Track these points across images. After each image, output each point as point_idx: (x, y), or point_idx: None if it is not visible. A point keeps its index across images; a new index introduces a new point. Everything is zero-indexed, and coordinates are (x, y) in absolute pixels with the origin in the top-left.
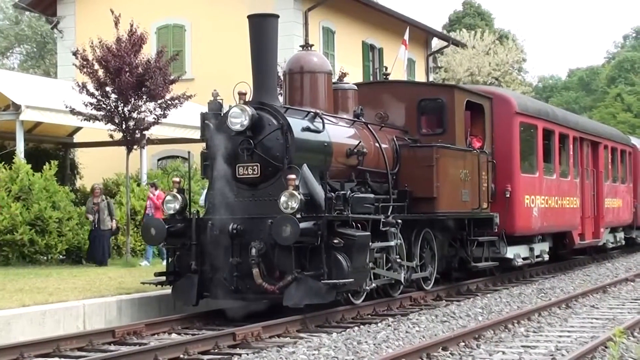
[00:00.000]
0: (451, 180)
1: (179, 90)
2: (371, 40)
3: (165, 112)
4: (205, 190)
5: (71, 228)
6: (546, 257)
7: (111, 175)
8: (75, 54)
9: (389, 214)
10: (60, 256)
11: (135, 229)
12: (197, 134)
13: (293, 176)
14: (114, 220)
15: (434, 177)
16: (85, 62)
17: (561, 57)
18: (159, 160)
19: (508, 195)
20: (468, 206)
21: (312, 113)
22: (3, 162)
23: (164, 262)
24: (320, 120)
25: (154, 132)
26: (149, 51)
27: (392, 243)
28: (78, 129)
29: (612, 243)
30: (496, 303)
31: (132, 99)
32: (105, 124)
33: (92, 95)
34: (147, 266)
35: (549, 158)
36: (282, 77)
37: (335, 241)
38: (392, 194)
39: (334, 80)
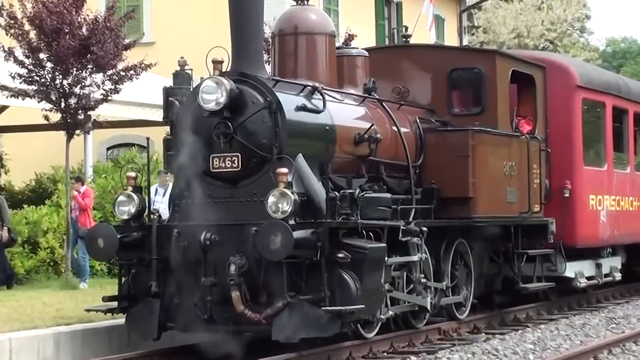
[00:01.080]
0: (492, 175)
1: (136, 57)
2: None
3: (117, 86)
4: (167, 189)
5: None
6: (618, 276)
7: (46, 169)
8: None
9: (410, 219)
10: None
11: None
12: (158, 115)
13: (284, 170)
14: (5, 228)
15: (470, 171)
16: (12, 22)
17: (637, 13)
18: (109, 149)
19: (567, 195)
20: (515, 209)
21: (309, 87)
22: None
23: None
24: (320, 97)
25: (103, 112)
26: (96, 7)
27: (415, 258)
28: (3, 108)
29: None
30: (552, 337)
31: (74, 69)
32: (39, 101)
33: (21, 64)
34: (85, 288)
35: (620, 146)
36: (270, 41)
37: (340, 255)
38: (414, 193)
39: (338, 45)
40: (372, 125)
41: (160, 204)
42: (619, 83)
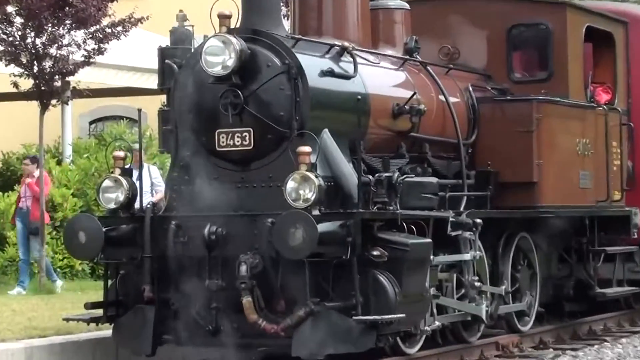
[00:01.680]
0: (562, 155)
1: (123, 11)
2: None
3: (102, 46)
4: (145, 170)
5: None
6: None
7: (15, 148)
8: None
9: (461, 209)
10: None
11: (55, 232)
12: (152, 82)
13: (307, 149)
14: None
15: (534, 150)
16: None
17: None
18: (91, 123)
19: None
20: (589, 197)
21: (337, 47)
22: None
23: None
24: (351, 59)
25: (84, 78)
26: None
27: (468, 256)
28: None
29: None
30: (636, 353)
31: (49, 25)
32: (6, 65)
33: None
34: (21, 294)
35: None
36: None
37: (375, 253)
38: (466, 177)
39: None
40: (414, 93)
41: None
42: None
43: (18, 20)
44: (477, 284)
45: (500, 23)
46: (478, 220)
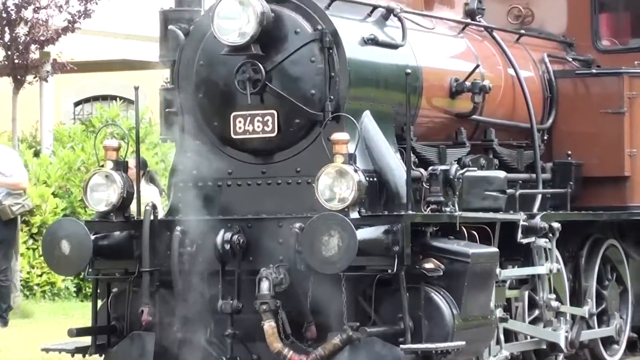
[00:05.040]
0: None
1: None
2: None
3: (89, 7)
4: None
5: None
6: None
7: None
8: None
9: (535, 210)
10: None
11: (31, 241)
12: (152, 53)
13: (344, 136)
14: None
15: (626, 137)
16: None
17: None
18: (77, 104)
19: None
20: None
21: (381, 9)
22: None
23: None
24: (399, 24)
25: (67, 48)
26: None
27: (542, 269)
28: None
29: None
30: None
31: None
32: None
33: None
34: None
35: None
36: None
37: (427, 266)
38: (541, 170)
39: None
40: (478, 66)
41: None
42: None
43: None
44: (555, 303)
45: None
46: (556, 225)
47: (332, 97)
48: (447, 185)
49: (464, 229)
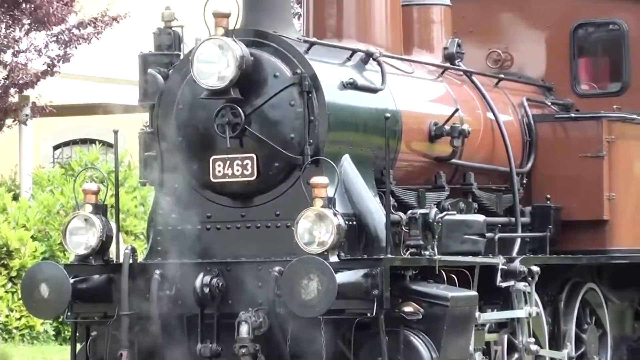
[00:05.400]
0: None
1: (96, 7)
2: None
3: (68, 51)
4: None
5: None
6: None
7: None
8: None
9: (514, 253)
10: None
11: (10, 284)
12: (132, 97)
13: (323, 180)
14: None
15: (605, 181)
16: None
17: None
18: (56, 148)
19: None
20: None
21: (361, 53)
22: None
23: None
24: (378, 68)
25: (47, 92)
26: None
27: (522, 313)
28: None
29: None
30: None
31: (2, 25)
32: None
33: None
34: None
35: None
36: None
37: (406, 309)
38: (520, 214)
39: None
40: (457, 110)
41: None
42: None
43: None
44: (534, 347)
45: (563, 21)
46: (535, 268)
47: (311, 140)
48: (427, 228)
49: (444, 273)
